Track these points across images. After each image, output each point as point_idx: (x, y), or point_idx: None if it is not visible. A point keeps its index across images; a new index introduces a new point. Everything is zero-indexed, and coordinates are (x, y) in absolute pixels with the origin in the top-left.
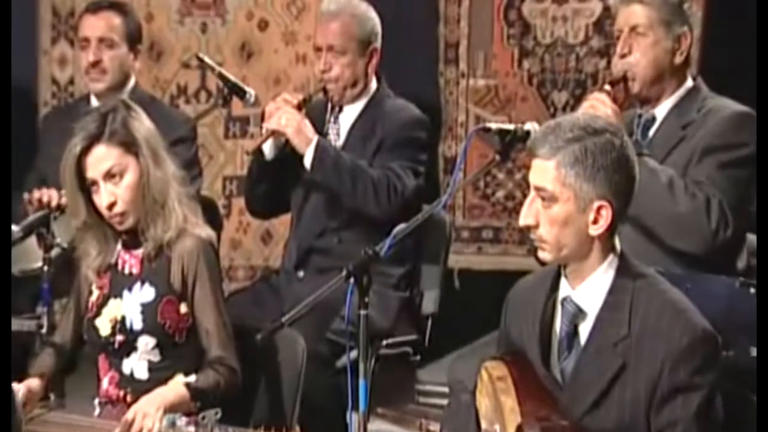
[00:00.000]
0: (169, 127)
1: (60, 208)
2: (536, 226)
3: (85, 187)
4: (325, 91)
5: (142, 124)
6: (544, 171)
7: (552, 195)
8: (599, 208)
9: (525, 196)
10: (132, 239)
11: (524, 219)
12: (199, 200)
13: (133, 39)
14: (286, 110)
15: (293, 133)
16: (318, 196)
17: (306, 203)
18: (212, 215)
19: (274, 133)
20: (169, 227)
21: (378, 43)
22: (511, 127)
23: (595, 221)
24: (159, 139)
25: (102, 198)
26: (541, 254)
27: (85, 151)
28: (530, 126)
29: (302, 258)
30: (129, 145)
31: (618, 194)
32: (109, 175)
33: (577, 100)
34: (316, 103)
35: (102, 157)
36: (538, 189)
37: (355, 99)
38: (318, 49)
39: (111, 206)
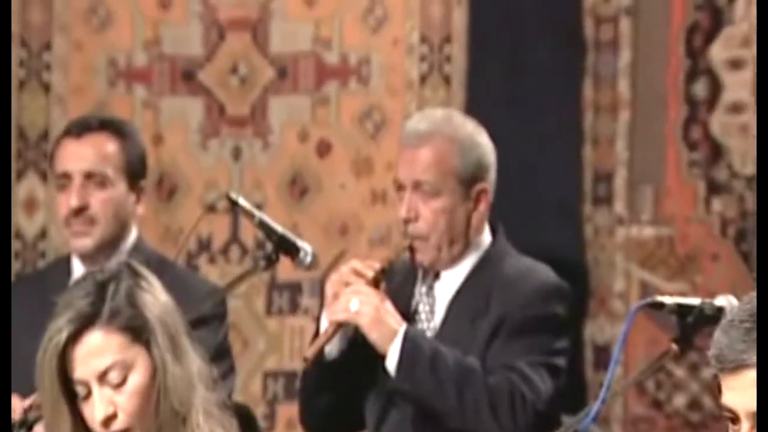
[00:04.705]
0: (187, 301)
1: (26, 425)
2: None
3: (71, 391)
4: (411, 251)
5: (157, 300)
6: None
7: None
8: None
9: (717, 403)
10: None
11: None
12: (232, 408)
13: (135, 173)
14: (358, 289)
15: (370, 325)
16: (404, 408)
17: (386, 419)
18: (248, 430)
19: (341, 326)
20: None
21: (489, 180)
22: (695, 301)
23: None
24: (180, 321)
25: (96, 409)
26: None
27: (74, 338)
28: (724, 300)
29: None
30: (137, 330)
31: None
32: (107, 376)
33: None
34: (401, 266)
35: (97, 349)
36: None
37: (456, 261)
38: (400, 188)
39: (108, 421)
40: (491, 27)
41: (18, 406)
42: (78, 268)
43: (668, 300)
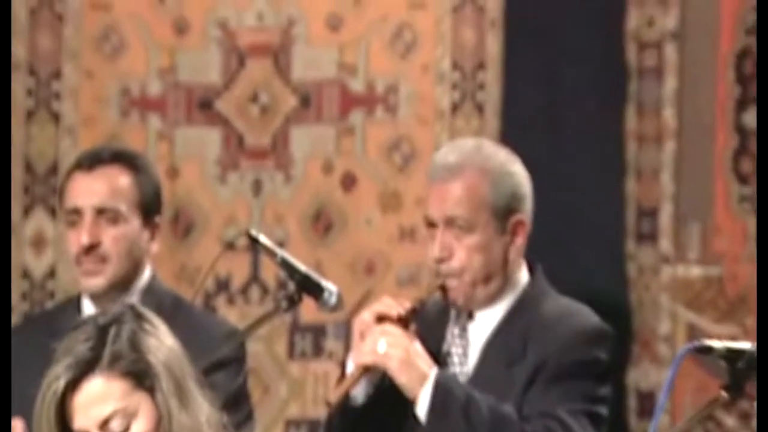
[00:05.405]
0: (203, 344)
1: None
2: None
3: None
4: (443, 290)
5: (162, 344)
6: None
7: None
8: None
9: None
10: None
11: None
12: None
13: (149, 208)
14: (386, 330)
15: (399, 368)
16: None
17: None
18: None
19: (367, 370)
20: None
21: (526, 211)
22: (746, 345)
23: None
24: (187, 366)
25: None
26: None
27: (73, 385)
28: None
29: None
30: (140, 376)
31: None
32: (109, 425)
33: None
34: (432, 306)
35: (98, 396)
36: None
37: (492, 301)
38: (431, 225)
39: None
40: (527, 52)
41: None
42: (89, 309)
43: (717, 344)
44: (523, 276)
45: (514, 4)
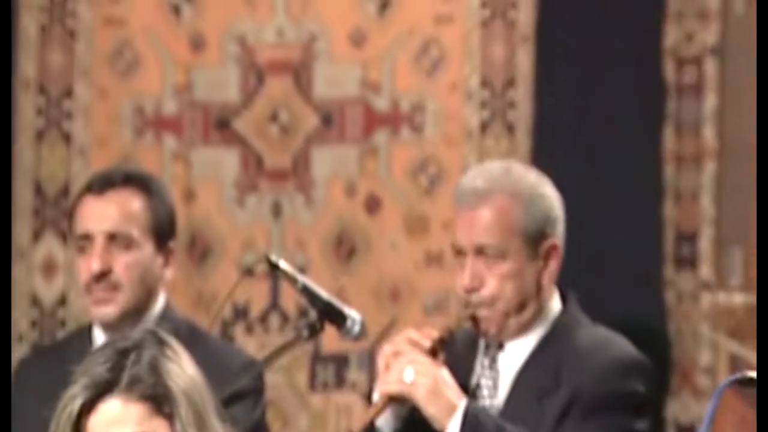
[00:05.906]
0: (220, 375)
1: None
2: None
3: None
4: (474, 320)
5: (183, 371)
6: None
7: None
8: None
9: None
10: None
11: None
12: None
13: (163, 233)
14: (413, 358)
15: (427, 397)
16: None
17: None
18: None
19: (393, 400)
20: None
21: (558, 234)
22: None
23: None
24: (207, 396)
25: None
26: None
27: (89, 407)
28: None
29: None
30: (159, 401)
31: None
32: None
33: None
34: (461, 336)
35: (115, 419)
36: None
37: (523, 331)
38: (459, 253)
39: None
40: (560, 69)
41: None
42: (100, 339)
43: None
44: (555, 304)
45: (547, 18)
